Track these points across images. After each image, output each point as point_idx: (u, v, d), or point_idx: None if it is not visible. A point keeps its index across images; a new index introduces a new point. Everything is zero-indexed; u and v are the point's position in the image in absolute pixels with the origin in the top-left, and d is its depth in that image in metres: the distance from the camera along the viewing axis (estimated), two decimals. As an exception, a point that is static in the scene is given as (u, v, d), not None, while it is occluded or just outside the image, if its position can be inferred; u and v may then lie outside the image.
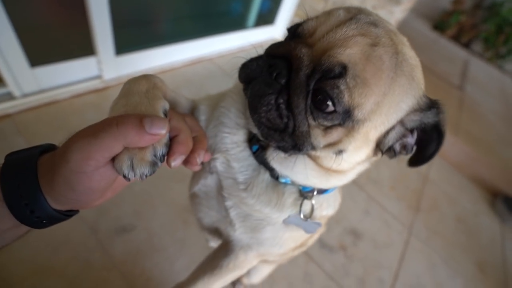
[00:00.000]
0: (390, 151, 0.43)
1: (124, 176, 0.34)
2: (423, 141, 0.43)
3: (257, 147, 0.49)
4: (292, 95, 0.38)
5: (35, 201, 0.33)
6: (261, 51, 0.46)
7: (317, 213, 0.53)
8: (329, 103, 0.37)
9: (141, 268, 1.09)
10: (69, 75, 1.51)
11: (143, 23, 1.82)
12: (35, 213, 0.34)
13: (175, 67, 1.97)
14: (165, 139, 0.37)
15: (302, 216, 0.50)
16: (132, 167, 0.34)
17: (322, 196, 0.52)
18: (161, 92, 0.43)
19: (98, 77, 1.63)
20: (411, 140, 0.43)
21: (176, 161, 0.38)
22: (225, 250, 0.59)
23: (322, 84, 0.37)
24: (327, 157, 0.43)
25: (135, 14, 1.71)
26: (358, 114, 0.37)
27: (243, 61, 0.44)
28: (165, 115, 0.38)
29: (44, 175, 0.34)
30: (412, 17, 4.44)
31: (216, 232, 0.64)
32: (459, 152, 2.37)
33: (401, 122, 0.41)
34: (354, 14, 0.39)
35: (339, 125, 0.38)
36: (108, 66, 1.61)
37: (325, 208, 0.55)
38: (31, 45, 1.29)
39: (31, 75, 1.36)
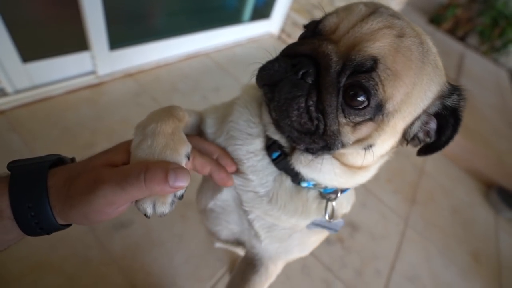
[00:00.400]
0: (414, 140, 0.43)
1: (145, 215, 0.38)
2: (438, 128, 0.44)
3: (278, 153, 0.48)
4: (324, 93, 0.37)
5: (45, 221, 0.34)
6: (257, 46, 0.44)
7: (338, 212, 0.53)
8: (361, 98, 0.36)
9: (140, 263, 1.09)
10: (62, 71, 1.49)
11: (138, 17, 1.79)
12: (44, 229, 0.35)
13: (170, 62, 1.95)
14: None
15: (327, 218, 0.50)
16: (154, 208, 0.37)
17: (342, 195, 0.53)
18: (183, 123, 0.46)
19: (93, 72, 1.61)
20: (433, 125, 0.43)
21: (230, 181, 0.48)
22: (252, 265, 0.58)
23: (355, 78, 0.36)
24: (353, 154, 0.43)
25: (129, 8, 1.69)
26: (389, 106, 0.37)
27: (236, 55, 0.43)
28: (188, 157, 0.41)
29: (58, 199, 0.34)
30: (408, 10, 4.43)
31: (235, 242, 0.63)
32: (455, 145, 2.37)
33: (425, 110, 0.41)
34: (375, 8, 0.39)
35: (370, 119, 0.38)
36: (103, 61, 1.59)
37: (345, 206, 0.55)
38: (23, 40, 1.26)
39: (24, 70, 1.34)
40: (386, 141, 0.42)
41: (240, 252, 0.78)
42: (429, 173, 2.19)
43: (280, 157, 0.47)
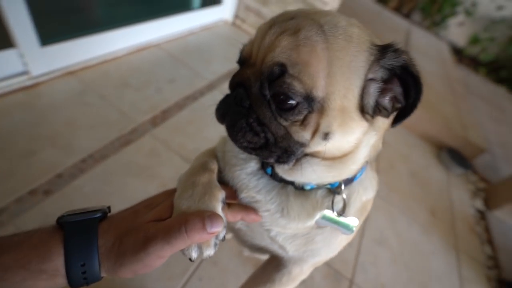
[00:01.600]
0: (381, 111, 0.42)
1: (190, 259, 0.41)
2: (405, 92, 0.43)
3: (271, 168, 0.51)
4: (256, 109, 0.42)
5: (92, 276, 0.39)
6: (211, 34, 0.45)
7: (357, 201, 0.52)
8: (289, 101, 0.39)
9: (104, 271, 1.01)
10: (-15, 73, 1.30)
11: (73, 6, 1.61)
12: (88, 282, 0.39)
13: (118, 56, 1.81)
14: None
15: (335, 213, 0.49)
16: (200, 252, 0.42)
17: (353, 184, 0.52)
18: (215, 173, 0.52)
19: (25, 73, 1.42)
20: (398, 88, 0.42)
21: (258, 218, 0.52)
22: (276, 264, 0.61)
23: (273, 87, 0.40)
24: (329, 147, 0.43)
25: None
26: (318, 93, 0.38)
27: (190, 44, 0.43)
28: (223, 202, 0.46)
29: (107, 259, 0.39)
30: (357, -9, 4.58)
31: (264, 250, 0.65)
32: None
33: (371, 80, 0.40)
34: (273, 21, 0.42)
35: (310, 112, 0.40)
36: (34, 59, 1.41)
37: (363, 193, 0.53)
38: None
39: None
40: (345, 124, 0.41)
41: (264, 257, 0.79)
42: (388, 143, 2.33)
43: (273, 171, 0.50)
